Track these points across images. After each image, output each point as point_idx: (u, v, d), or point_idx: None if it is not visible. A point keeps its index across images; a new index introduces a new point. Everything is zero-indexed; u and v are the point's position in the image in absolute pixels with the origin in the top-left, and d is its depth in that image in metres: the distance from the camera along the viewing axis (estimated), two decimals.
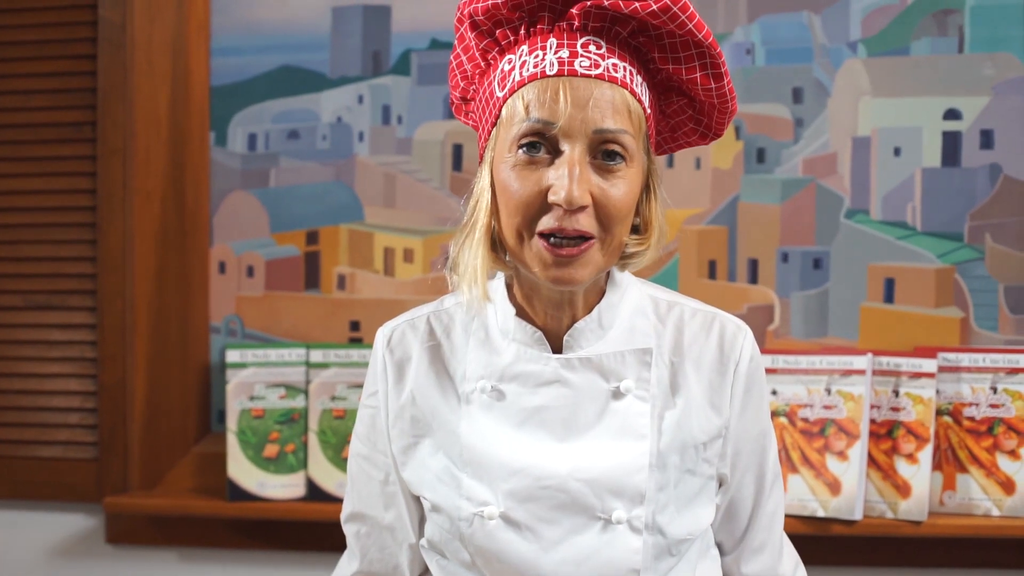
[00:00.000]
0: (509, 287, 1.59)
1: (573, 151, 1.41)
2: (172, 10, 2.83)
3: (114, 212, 2.80)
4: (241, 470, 2.68)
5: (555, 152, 1.42)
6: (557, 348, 1.55)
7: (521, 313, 1.57)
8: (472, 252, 1.49)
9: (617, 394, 1.53)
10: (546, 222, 1.42)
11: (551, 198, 1.40)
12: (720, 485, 1.62)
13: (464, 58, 1.55)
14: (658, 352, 1.57)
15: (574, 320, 1.54)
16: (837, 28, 2.64)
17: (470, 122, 1.60)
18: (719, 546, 1.68)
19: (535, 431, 1.52)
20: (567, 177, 1.39)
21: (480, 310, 1.58)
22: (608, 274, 1.58)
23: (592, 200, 1.41)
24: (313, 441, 2.68)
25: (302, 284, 2.84)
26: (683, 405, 1.55)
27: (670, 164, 2.68)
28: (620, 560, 1.51)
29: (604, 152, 1.42)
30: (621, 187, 1.43)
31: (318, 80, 2.84)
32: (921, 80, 2.60)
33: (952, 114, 2.59)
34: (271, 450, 2.69)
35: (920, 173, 2.60)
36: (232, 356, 2.71)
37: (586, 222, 1.42)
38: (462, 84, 1.57)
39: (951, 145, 2.59)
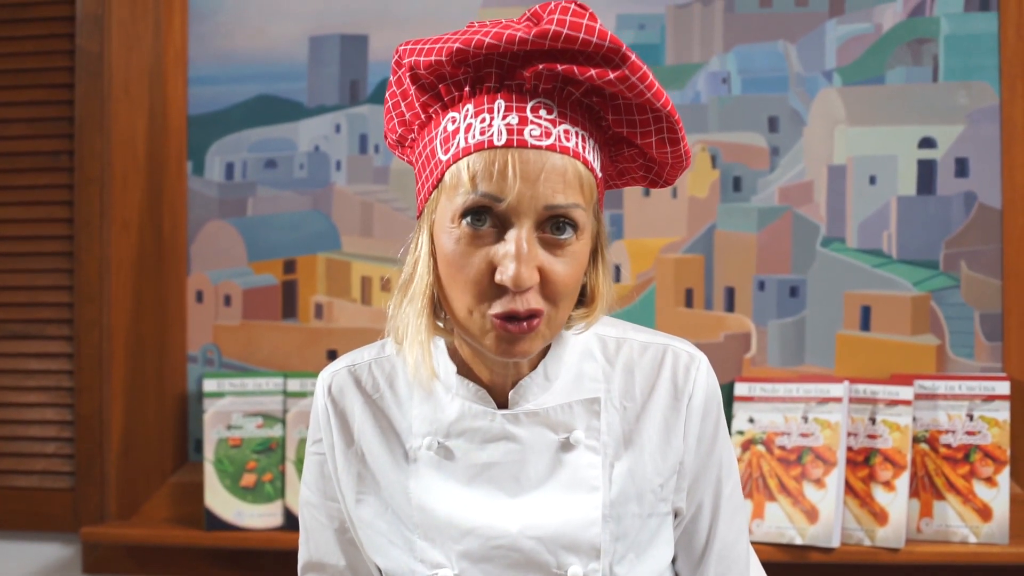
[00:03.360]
0: (450, 344, 1.54)
1: (521, 228, 1.34)
2: (149, 40, 2.83)
3: (91, 241, 2.80)
4: (218, 499, 2.67)
5: (502, 226, 1.36)
6: (503, 402, 1.50)
7: (463, 369, 1.51)
8: (415, 325, 1.42)
9: (567, 445, 1.48)
10: (498, 306, 1.35)
11: (498, 278, 1.34)
12: (676, 517, 1.58)
13: (402, 103, 1.47)
14: (608, 398, 1.52)
15: (519, 375, 1.49)
16: (812, 57, 2.65)
17: (405, 159, 1.53)
18: None
19: (485, 488, 1.48)
20: (515, 259, 1.33)
21: (424, 386, 1.52)
22: None
23: (540, 276, 1.35)
24: (291, 470, 2.67)
25: (279, 313, 2.84)
26: (636, 451, 1.51)
27: (646, 193, 2.69)
28: None
29: (554, 225, 1.36)
30: (569, 263, 1.37)
31: (295, 109, 2.84)
32: (896, 109, 2.62)
33: (927, 142, 2.60)
34: (248, 479, 2.68)
35: (895, 201, 2.61)
36: (209, 385, 2.70)
37: (535, 300, 1.35)
38: (399, 130, 1.49)
39: (926, 173, 2.61)
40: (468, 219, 1.35)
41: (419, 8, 2.75)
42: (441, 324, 1.47)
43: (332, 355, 2.79)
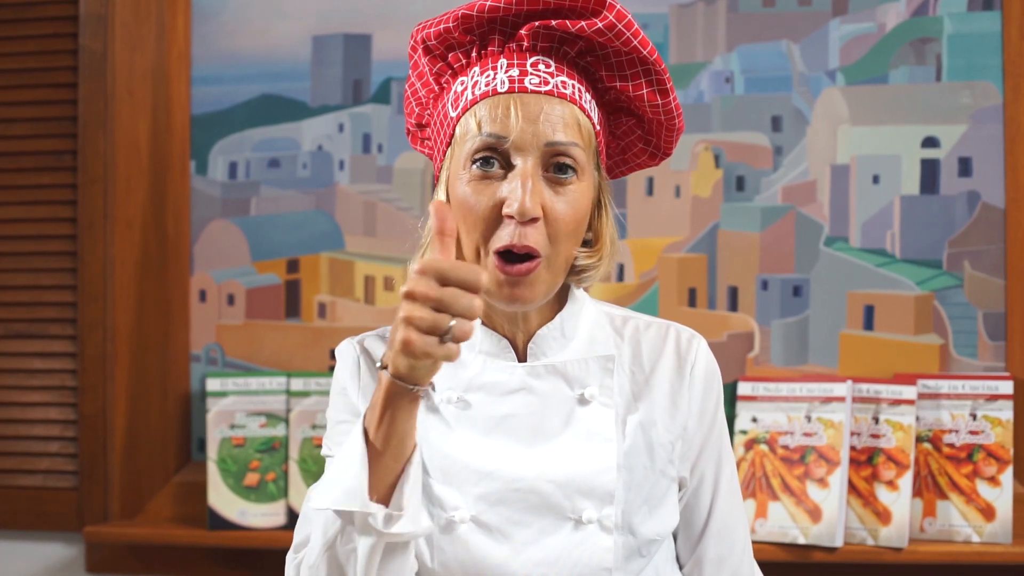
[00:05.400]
0: None
1: (526, 164, 1.45)
2: (153, 40, 2.83)
3: (95, 241, 2.80)
4: (222, 499, 2.68)
5: (508, 166, 1.46)
6: (521, 358, 1.58)
7: (486, 322, 1.59)
8: None
9: (582, 400, 1.55)
10: (500, 239, 1.45)
11: (505, 210, 1.44)
12: (680, 489, 1.63)
13: (418, 84, 1.59)
14: (618, 362, 1.59)
15: (529, 333, 1.57)
16: (816, 57, 2.65)
17: (425, 150, 1.63)
18: (677, 559, 1.67)
19: (503, 438, 1.53)
20: (520, 189, 1.43)
21: None
22: (568, 289, 1.60)
23: (543, 213, 1.45)
24: (294, 469, 2.67)
25: (283, 312, 2.84)
26: (646, 409, 1.58)
27: (649, 192, 2.69)
28: (592, 559, 1.52)
29: (556, 165, 1.46)
30: (571, 201, 1.47)
31: (299, 109, 2.85)
32: (899, 108, 2.62)
33: (930, 142, 2.60)
34: (252, 479, 2.68)
35: (899, 201, 2.61)
36: (213, 385, 2.70)
37: (535, 237, 1.44)
38: (417, 111, 1.60)
39: (929, 173, 2.60)
40: (478, 163, 1.47)
41: (422, 7, 2.75)
42: None
43: (335, 354, 2.78)
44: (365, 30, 2.82)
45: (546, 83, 1.48)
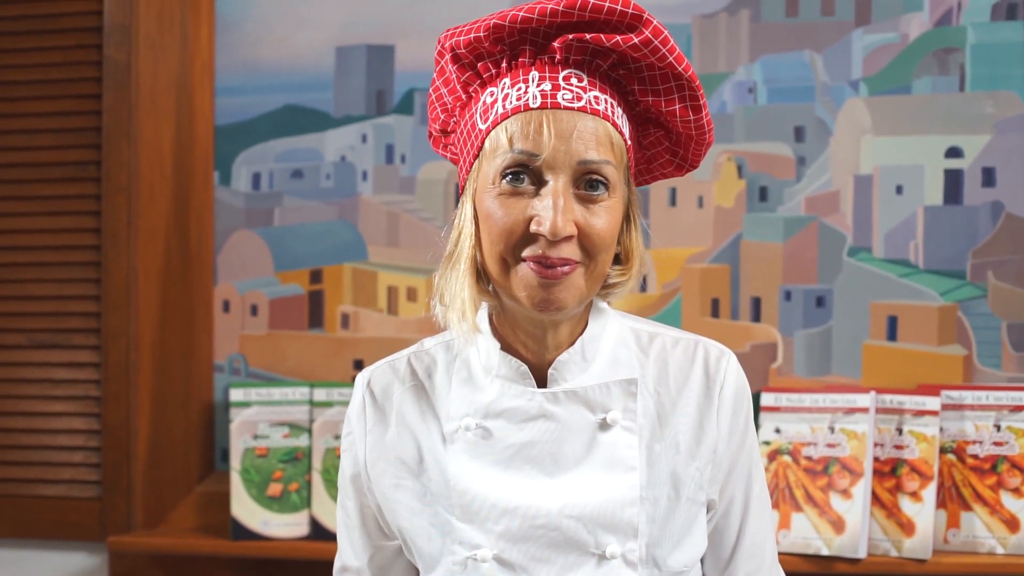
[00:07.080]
0: (491, 321, 1.58)
1: (557, 182, 1.42)
2: (176, 50, 2.84)
3: (118, 251, 2.81)
4: (245, 509, 2.68)
5: (539, 183, 1.44)
6: (539, 382, 1.55)
7: (505, 347, 1.56)
8: (459, 283, 1.49)
9: (604, 426, 1.52)
10: (531, 250, 1.43)
11: (535, 228, 1.41)
12: (708, 511, 1.61)
13: (444, 91, 1.56)
14: (643, 383, 1.56)
15: (557, 347, 1.54)
16: (839, 67, 2.65)
17: (448, 155, 1.61)
18: None
19: (523, 468, 1.51)
20: (552, 208, 1.41)
21: (470, 341, 1.56)
22: (590, 305, 1.57)
23: (576, 229, 1.43)
24: (317, 480, 2.68)
25: (306, 323, 2.85)
26: (671, 435, 1.55)
27: (672, 203, 2.69)
28: None
29: (587, 182, 1.44)
30: (604, 217, 1.45)
31: (322, 119, 2.86)
32: (923, 118, 2.61)
33: (954, 152, 2.60)
34: (275, 489, 2.68)
35: (922, 211, 2.61)
36: (236, 395, 2.71)
37: (569, 251, 1.43)
38: (442, 117, 1.58)
39: (953, 183, 2.60)
40: (508, 178, 1.44)
41: (446, 18, 2.76)
42: (487, 293, 1.54)
43: (358, 365, 2.79)
44: (388, 41, 2.83)
45: (579, 99, 1.44)
